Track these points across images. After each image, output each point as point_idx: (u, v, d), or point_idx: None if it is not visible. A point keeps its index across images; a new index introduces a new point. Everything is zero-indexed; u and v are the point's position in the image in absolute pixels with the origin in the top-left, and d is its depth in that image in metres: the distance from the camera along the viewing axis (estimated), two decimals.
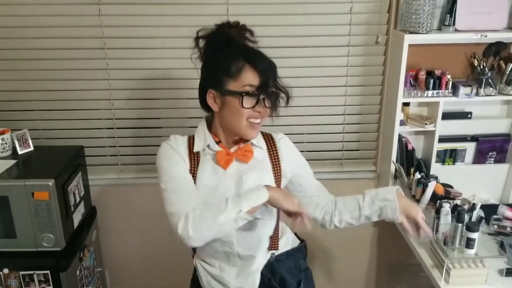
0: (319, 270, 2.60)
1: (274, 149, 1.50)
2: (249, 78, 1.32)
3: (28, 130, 2.10)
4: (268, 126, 1.47)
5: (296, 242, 1.65)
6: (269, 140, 1.52)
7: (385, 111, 2.26)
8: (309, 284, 1.64)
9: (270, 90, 1.33)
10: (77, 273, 1.99)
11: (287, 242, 1.60)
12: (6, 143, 2.01)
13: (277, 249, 1.54)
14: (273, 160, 1.49)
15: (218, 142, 1.44)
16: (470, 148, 2.27)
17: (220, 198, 1.34)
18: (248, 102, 1.33)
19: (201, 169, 1.42)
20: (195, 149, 1.44)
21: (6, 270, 1.86)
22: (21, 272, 1.86)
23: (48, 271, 1.86)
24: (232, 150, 1.44)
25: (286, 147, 1.53)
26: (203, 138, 1.44)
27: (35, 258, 1.87)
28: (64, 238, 1.87)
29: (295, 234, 1.69)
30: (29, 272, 1.86)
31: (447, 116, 2.18)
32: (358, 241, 2.54)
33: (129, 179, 2.35)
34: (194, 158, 1.44)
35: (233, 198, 1.31)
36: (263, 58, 1.34)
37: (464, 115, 2.26)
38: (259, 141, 1.48)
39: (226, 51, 1.36)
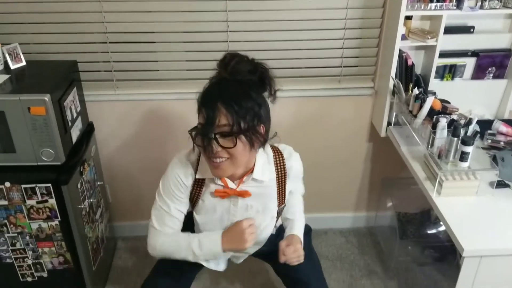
0: (310, 184, 2.67)
1: (283, 169, 1.56)
2: (201, 118, 1.33)
3: (19, 44, 2.04)
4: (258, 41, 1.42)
5: None
6: (279, 159, 1.56)
7: (387, 25, 2.20)
8: None
9: (209, 134, 1.30)
10: (79, 186, 2.03)
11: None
12: None
13: None
14: (280, 181, 1.57)
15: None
16: (470, 63, 2.24)
17: (226, 221, 1.56)
18: (196, 138, 1.34)
19: (206, 192, 1.53)
20: (198, 176, 1.50)
21: (7, 184, 1.89)
22: (23, 186, 1.90)
23: (49, 184, 1.90)
24: (232, 186, 1.48)
25: (295, 167, 1.60)
26: (207, 170, 1.45)
27: (35, 172, 1.90)
28: (64, 152, 1.88)
29: None
30: (31, 186, 1.90)
31: (449, 30, 2.13)
32: (351, 155, 2.60)
33: (125, 95, 2.33)
34: (199, 182, 1.52)
35: (195, 245, 1.49)
36: (213, 103, 1.29)
37: (466, 30, 2.20)
38: (264, 171, 1.50)
39: (204, 91, 1.36)
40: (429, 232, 2.54)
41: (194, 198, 1.55)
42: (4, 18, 2.14)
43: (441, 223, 2.48)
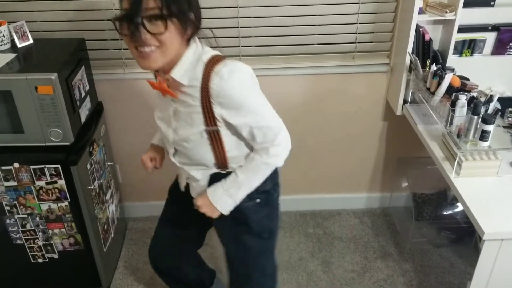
0: (323, 163, 2.63)
1: (206, 88, 1.29)
2: (126, 2, 1.19)
3: (26, 22, 2.00)
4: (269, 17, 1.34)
5: None
6: (207, 70, 1.29)
7: None
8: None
9: (135, 18, 1.16)
10: (88, 166, 2.00)
11: None
12: (4, 36, 1.92)
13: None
14: (203, 100, 1.31)
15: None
16: (490, 38, 2.16)
17: (168, 121, 1.44)
18: (120, 26, 1.21)
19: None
20: None
21: (16, 165, 1.87)
22: (32, 166, 1.87)
23: (58, 165, 1.87)
24: (156, 81, 1.37)
25: (220, 89, 1.27)
26: None
27: (44, 153, 1.87)
28: (72, 132, 1.85)
29: None
30: (40, 166, 1.87)
31: (468, 3, 2.04)
32: (365, 134, 2.54)
33: (134, 73, 2.28)
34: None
35: None
36: None
37: (486, 3, 2.11)
38: (185, 74, 1.31)
39: None
40: (445, 213, 2.49)
41: None
42: None
43: (458, 204, 2.43)
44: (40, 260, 2.12)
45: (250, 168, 1.45)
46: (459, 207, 2.46)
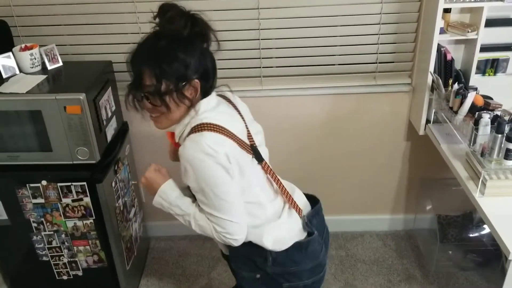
0: (345, 184, 2.61)
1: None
2: (131, 77, 1.35)
3: (56, 45, 2.08)
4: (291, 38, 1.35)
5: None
6: (184, 138, 1.38)
7: (424, 19, 2.12)
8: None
9: (137, 94, 1.33)
10: (113, 185, 2.04)
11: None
12: (35, 58, 2.00)
13: None
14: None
15: None
16: None
17: None
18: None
19: None
20: None
21: (44, 182, 1.92)
22: (59, 184, 1.92)
23: (84, 183, 1.92)
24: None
25: (180, 155, 1.32)
26: None
27: (71, 171, 1.92)
28: (99, 151, 1.90)
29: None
30: (67, 184, 1.92)
31: (490, 23, 2.04)
32: (388, 154, 2.52)
33: None
34: None
35: None
36: (136, 59, 1.32)
37: (509, 22, 2.11)
38: (178, 134, 1.42)
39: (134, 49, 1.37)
40: (471, 235, 2.43)
41: None
42: (42, 20, 2.20)
43: (485, 226, 2.38)
44: (65, 277, 2.16)
45: (201, 220, 1.41)
46: (486, 230, 2.40)
